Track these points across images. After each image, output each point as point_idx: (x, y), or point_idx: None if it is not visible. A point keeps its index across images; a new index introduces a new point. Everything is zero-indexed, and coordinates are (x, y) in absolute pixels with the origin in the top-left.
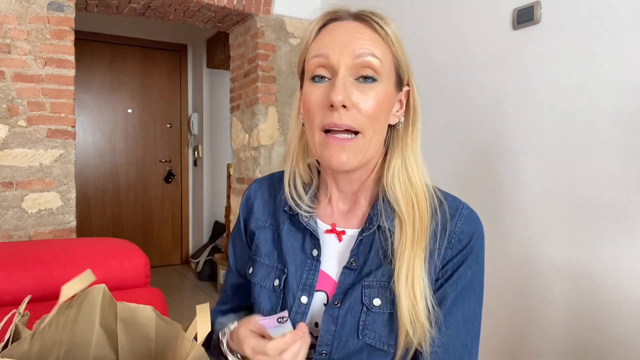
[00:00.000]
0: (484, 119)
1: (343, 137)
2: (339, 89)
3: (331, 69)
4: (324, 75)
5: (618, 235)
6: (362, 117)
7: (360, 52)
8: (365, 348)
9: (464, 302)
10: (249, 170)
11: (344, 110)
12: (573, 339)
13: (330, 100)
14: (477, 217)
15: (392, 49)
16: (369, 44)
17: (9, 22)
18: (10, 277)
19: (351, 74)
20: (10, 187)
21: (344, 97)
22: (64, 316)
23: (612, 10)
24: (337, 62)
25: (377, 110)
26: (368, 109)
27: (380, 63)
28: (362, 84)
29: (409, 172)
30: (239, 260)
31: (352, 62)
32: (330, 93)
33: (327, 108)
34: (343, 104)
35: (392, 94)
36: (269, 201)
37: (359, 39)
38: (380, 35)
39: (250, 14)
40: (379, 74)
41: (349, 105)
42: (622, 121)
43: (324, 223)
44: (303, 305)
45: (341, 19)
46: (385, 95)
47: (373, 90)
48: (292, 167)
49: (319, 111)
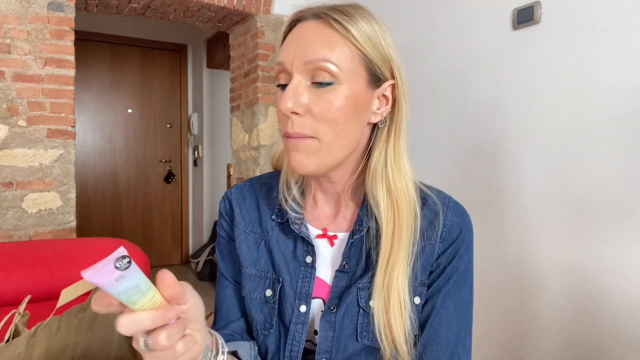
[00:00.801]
0: (483, 119)
1: (297, 138)
2: (287, 96)
3: (288, 74)
4: (284, 82)
5: (618, 235)
6: (317, 123)
7: (311, 59)
8: (364, 349)
9: (456, 294)
10: (249, 170)
11: (297, 117)
12: (572, 339)
13: (279, 109)
14: (464, 209)
15: (357, 46)
16: (323, 46)
17: (9, 22)
18: (10, 277)
19: (307, 78)
20: (10, 187)
21: (293, 103)
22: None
23: (612, 10)
24: (291, 67)
25: (336, 114)
26: (323, 114)
27: (336, 67)
28: (318, 89)
29: (390, 175)
30: (233, 265)
31: (304, 67)
32: (280, 101)
33: (284, 115)
34: (292, 110)
35: (362, 92)
36: (251, 208)
37: (312, 42)
38: (339, 33)
39: (250, 14)
40: (336, 77)
41: (300, 112)
42: (621, 121)
43: (314, 228)
44: (302, 314)
45: (303, 20)
46: (347, 96)
47: (330, 93)
48: (287, 167)
49: (281, 118)
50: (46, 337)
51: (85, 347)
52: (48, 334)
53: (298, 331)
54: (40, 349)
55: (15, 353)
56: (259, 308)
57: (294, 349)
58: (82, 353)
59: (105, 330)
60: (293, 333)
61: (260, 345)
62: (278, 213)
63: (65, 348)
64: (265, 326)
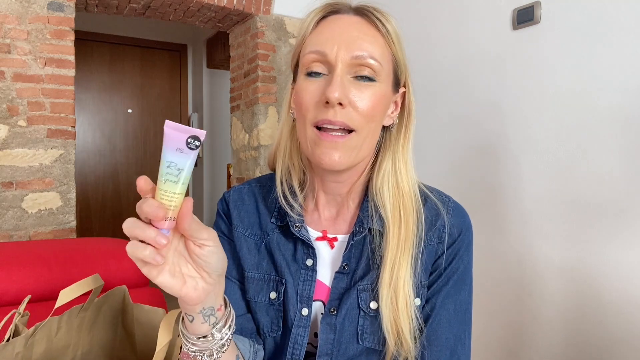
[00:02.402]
0: (483, 119)
1: (336, 134)
2: (336, 85)
3: (328, 65)
4: (320, 71)
5: (617, 235)
6: (358, 116)
7: (359, 54)
8: (364, 351)
9: (456, 294)
10: (249, 170)
11: (340, 107)
12: (572, 338)
13: (326, 97)
14: (464, 210)
15: (392, 49)
16: (369, 43)
17: (9, 22)
18: (10, 277)
19: (348, 72)
20: (10, 187)
21: (341, 94)
22: (78, 319)
23: (612, 10)
24: (335, 58)
25: (373, 110)
26: (364, 108)
27: (379, 65)
28: (360, 82)
29: (398, 176)
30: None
31: (350, 61)
32: (326, 89)
33: (321, 104)
34: (339, 101)
35: (389, 95)
36: (250, 211)
37: (359, 37)
38: (381, 33)
39: (250, 14)
40: (377, 75)
41: (345, 103)
42: (621, 121)
43: (314, 230)
44: (304, 317)
45: (341, 12)
46: (381, 95)
47: (370, 89)
48: (284, 164)
49: (313, 107)
50: (46, 337)
51: (87, 348)
52: (48, 334)
53: (300, 334)
54: (39, 349)
55: (13, 353)
56: (265, 311)
57: (296, 352)
58: (84, 353)
59: (106, 330)
60: (295, 336)
61: (266, 348)
62: (277, 216)
63: (66, 348)
64: (272, 328)
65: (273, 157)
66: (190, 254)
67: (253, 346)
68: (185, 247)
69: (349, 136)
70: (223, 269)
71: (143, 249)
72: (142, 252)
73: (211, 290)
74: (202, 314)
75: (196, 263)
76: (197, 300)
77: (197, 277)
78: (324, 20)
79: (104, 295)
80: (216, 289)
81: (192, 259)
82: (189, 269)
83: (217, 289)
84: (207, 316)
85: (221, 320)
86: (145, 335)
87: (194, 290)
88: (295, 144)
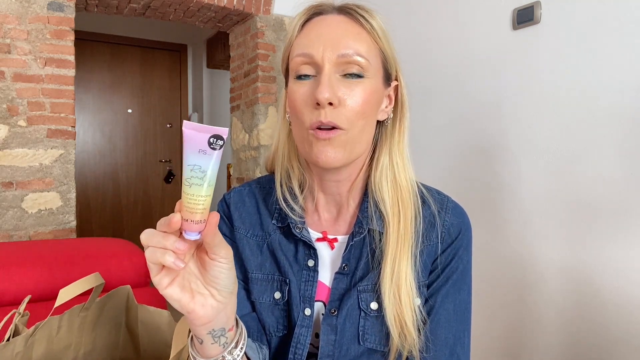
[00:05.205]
0: (483, 119)
1: (329, 132)
2: (324, 86)
3: (316, 66)
4: (309, 73)
5: (617, 235)
6: (349, 114)
7: (345, 53)
8: (366, 352)
9: (455, 294)
10: (249, 171)
11: (331, 107)
12: (571, 337)
13: (316, 98)
14: (463, 209)
15: (378, 44)
16: (354, 41)
17: (9, 22)
18: (10, 277)
19: (336, 71)
20: (10, 187)
21: (331, 94)
22: (79, 318)
23: (612, 10)
24: (322, 59)
25: (365, 107)
26: (355, 105)
27: (366, 61)
28: (349, 80)
29: (395, 170)
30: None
31: (337, 60)
32: (315, 91)
33: (313, 106)
34: (329, 101)
35: (380, 89)
36: (251, 212)
37: (344, 36)
38: (366, 30)
39: (250, 14)
40: (365, 71)
41: (335, 102)
42: (621, 121)
43: (314, 231)
44: (307, 317)
45: (325, 13)
46: (372, 91)
47: (360, 85)
48: (283, 167)
49: (306, 109)
50: (46, 337)
51: (90, 348)
52: (48, 334)
53: (303, 334)
54: (40, 349)
55: (13, 353)
56: (270, 311)
57: (298, 352)
58: (86, 353)
59: (110, 330)
60: (297, 336)
61: (271, 347)
62: (278, 217)
63: (67, 348)
64: (278, 328)
65: (271, 161)
66: (202, 265)
67: (261, 352)
68: (196, 264)
69: (340, 132)
70: (234, 287)
71: (163, 253)
72: (163, 256)
73: (222, 310)
74: (211, 335)
75: (205, 279)
76: (205, 318)
77: (206, 294)
78: (308, 22)
79: (107, 294)
80: (227, 309)
81: (202, 273)
82: (198, 286)
83: (229, 309)
84: (217, 337)
85: (233, 341)
86: (150, 337)
87: (201, 306)
88: (293, 147)
